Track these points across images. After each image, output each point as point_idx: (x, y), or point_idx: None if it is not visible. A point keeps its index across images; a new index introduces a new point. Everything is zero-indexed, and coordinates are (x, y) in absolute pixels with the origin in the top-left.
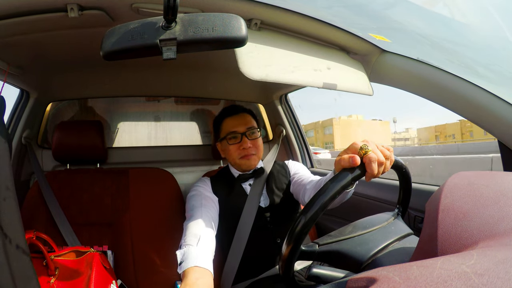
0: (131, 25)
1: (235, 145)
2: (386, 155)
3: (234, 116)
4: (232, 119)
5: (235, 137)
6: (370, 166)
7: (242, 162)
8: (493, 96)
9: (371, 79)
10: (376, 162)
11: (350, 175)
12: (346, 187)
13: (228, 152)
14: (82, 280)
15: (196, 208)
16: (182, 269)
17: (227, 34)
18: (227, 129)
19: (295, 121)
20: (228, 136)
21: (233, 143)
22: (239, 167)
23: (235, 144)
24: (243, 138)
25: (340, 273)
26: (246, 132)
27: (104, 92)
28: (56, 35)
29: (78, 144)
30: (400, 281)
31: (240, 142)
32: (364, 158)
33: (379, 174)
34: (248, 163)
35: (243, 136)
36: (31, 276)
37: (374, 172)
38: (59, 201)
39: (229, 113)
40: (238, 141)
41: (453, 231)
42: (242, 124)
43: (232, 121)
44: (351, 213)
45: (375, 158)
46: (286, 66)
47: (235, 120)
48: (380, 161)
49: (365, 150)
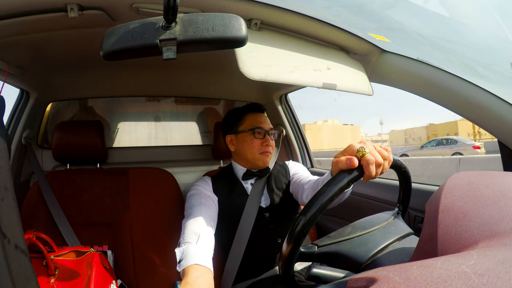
0: (131, 25)
1: (259, 140)
2: (384, 155)
3: (260, 113)
4: (258, 115)
5: (259, 132)
6: (368, 168)
7: (260, 158)
8: (493, 96)
9: (371, 79)
10: (374, 164)
11: (348, 177)
12: (344, 188)
13: (247, 145)
14: (82, 280)
15: (195, 206)
16: (181, 267)
17: (227, 34)
18: (253, 123)
19: (295, 121)
20: (256, 129)
21: (258, 138)
22: (253, 163)
23: (259, 139)
24: (266, 136)
25: (340, 273)
26: (269, 131)
27: (104, 92)
28: (56, 35)
29: (78, 144)
30: (400, 281)
31: (264, 138)
32: (361, 160)
33: (377, 175)
34: (265, 159)
35: (266, 134)
36: (30, 277)
37: (372, 174)
38: (59, 201)
39: (254, 109)
40: (262, 137)
41: (453, 231)
42: (267, 123)
43: (259, 118)
44: (351, 213)
45: (372, 160)
46: (286, 66)
47: (262, 117)
48: (378, 162)
49: (362, 152)
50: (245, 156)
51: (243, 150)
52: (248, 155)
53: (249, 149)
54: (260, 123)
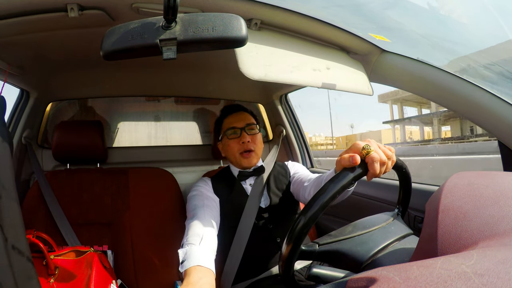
0: (131, 25)
1: (235, 140)
2: (388, 155)
3: (234, 114)
4: (232, 116)
5: (234, 132)
6: (373, 166)
7: (242, 160)
8: (493, 96)
9: (371, 79)
10: (378, 162)
11: (351, 174)
12: (347, 186)
13: (228, 148)
14: (82, 280)
15: (198, 208)
16: (184, 268)
17: (227, 34)
18: (226, 126)
19: (295, 121)
20: (228, 131)
21: (232, 138)
22: (239, 165)
23: (234, 139)
24: (242, 133)
25: (340, 273)
26: (245, 128)
27: (104, 92)
28: (56, 35)
29: (78, 144)
30: (400, 281)
31: (240, 137)
32: (366, 158)
33: (380, 174)
34: (247, 161)
35: (242, 131)
36: (31, 276)
37: (376, 171)
38: (59, 201)
39: (229, 111)
40: (237, 136)
41: (453, 231)
42: (241, 120)
43: (232, 118)
44: (351, 213)
45: (377, 158)
46: (286, 66)
47: (235, 117)
48: (382, 160)
49: (367, 150)
50: (231, 160)
51: (227, 155)
52: (231, 158)
53: (229, 151)
54: (232, 123)
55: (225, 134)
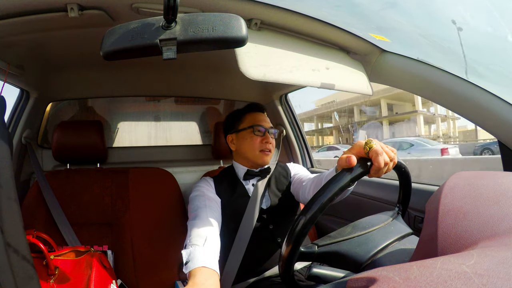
0: (131, 25)
1: (260, 138)
2: (390, 156)
3: (259, 113)
4: (258, 114)
5: (259, 130)
6: (377, 159)
7: (260, 156)
8: (493, 96)
9: (371, 79)
10: (382, 155)
11: (350, 175)
12: (346, 186)
13: (247, 143)
14: (82, 280)
15: (200, 208)
16: (188, 269)
17: (227, 34)
18: (252, 121)
19: (295, 121)
20: (255, 127)
21: (258, 135)
22: (253, 162)
23: (259, 137)
24: (266, 133)
25: (340, 273)
26: (269, 129)
27: (104, 92)
28: (56, 35)
29: (78, 144)
30: (400, 281)
31: (264, 136)
32: (370, 152)
33: (382, 173)
34: (265, 158)
35: (266, 132)
36: (31, 276)
37: (381, 164)
38: (59, 201)
39: (254, 109)
40: (262, 134)
41: (453, 231)
42: (267, 122)
43: (259, 116)
44: (351, 213)
45: (381, 151)
46: (286, 66)
47: (261, 116)
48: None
49: (370, 145)
50: (245, 155)
51: (244, 149)
52: (248, 153)
53: (249, 146)
54: (260, 121)
55: (250, 128)
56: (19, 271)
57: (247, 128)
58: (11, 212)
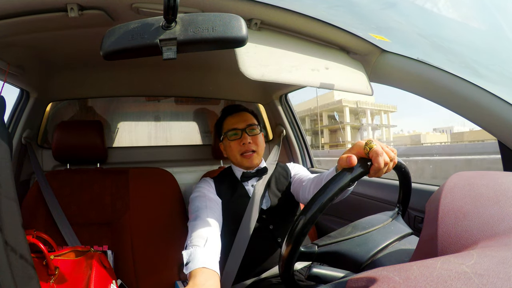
0: (131, 25)
1: (236, 141)
2: (390, 156)
3: (235, 114)
4: (233, 117)
5: (235, 133)
6: (377, 159)
7: (243, 161)
8: (493, 96)
9: (371, 79)
10: (382, 155)
11: (350, 175)
12: (346, 187)
13: (229, 149)
14: (82, 280)
15: (201, 209)
16: (189, 269)
17: (227, 34)
18: (227, 127)
19: (295, 121)
20: (229, 132)
21: (233, 139)
22: (241, 165)
23: (235, 140)
24: (243, 134)
25: (340, 273)
26: (246, 129)
27: (104, 92)
28: (56, 35)
29: (78, 144)
30: (400, 281)
31: (241, 138)
32: (370, 152)
33: (382, 173)
34: (249, 162)
35: (243, 132)
36: (31, 276)
37: (381, 165)
38: (59, 201)
39: (229, 112)
40: (239, 137)
41: (453, 231)
42: (242, 121)
43: (233, 119)
44: (351, 213)
45: (381, 151)
46: (286, 65)
47: (236, 117)
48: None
49: (370, 145)
50: (232, 161)
51: (229, 155)
52: (232, 159)
53: (231, 152)
54: (233, 124)
55: (226, 135)
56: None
57: (223, 135)
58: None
